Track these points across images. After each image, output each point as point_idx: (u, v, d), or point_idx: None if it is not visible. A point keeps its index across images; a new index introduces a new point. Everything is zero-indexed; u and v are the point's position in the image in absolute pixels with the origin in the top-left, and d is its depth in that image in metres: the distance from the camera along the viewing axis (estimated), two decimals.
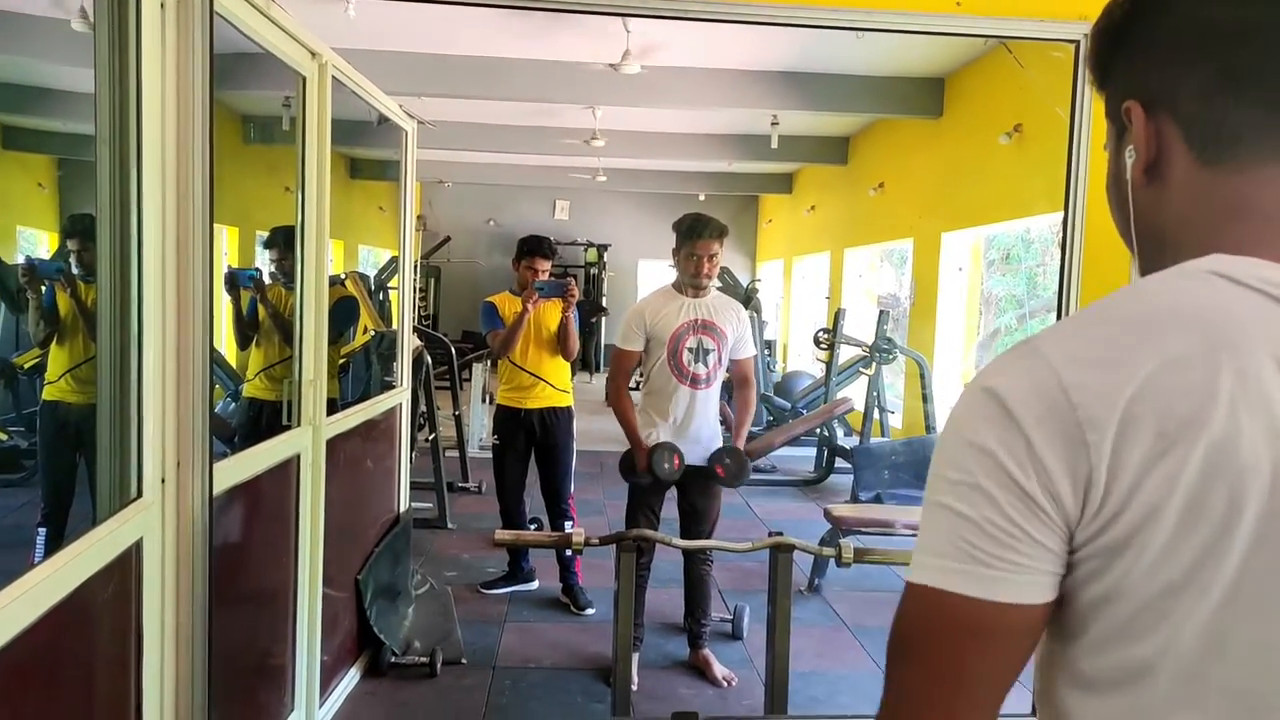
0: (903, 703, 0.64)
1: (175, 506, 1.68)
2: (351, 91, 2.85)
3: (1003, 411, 0.61)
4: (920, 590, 0.63)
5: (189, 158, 1.65)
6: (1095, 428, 0.58)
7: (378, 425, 3.31)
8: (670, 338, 3.15)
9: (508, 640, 3.66)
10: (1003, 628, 0.62)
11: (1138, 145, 0.68)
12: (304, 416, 2.45)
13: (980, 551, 0.61)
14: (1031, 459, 0.60)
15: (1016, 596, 0.61)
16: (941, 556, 0.62)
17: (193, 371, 1.67)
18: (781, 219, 13.42)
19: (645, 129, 9.61)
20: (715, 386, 3.21)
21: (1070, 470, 0.59)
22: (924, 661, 0.63)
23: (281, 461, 2.32)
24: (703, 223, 3.15)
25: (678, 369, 3.16)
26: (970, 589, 0.61)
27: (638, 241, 13.97)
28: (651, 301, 3.25)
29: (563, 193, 14.09)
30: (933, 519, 0.63)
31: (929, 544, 0.63)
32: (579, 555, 3.89)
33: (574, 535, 2.36)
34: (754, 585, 4.17)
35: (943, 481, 0.63)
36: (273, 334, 3.49)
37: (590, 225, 14.20)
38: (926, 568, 0.63)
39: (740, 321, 3.24)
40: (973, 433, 0.62)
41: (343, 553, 2.90)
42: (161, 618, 1.65)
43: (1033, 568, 0.61)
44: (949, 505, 0.62)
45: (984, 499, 0.61)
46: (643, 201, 13.90)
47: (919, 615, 0.63)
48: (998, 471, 0.60)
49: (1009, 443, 0.60)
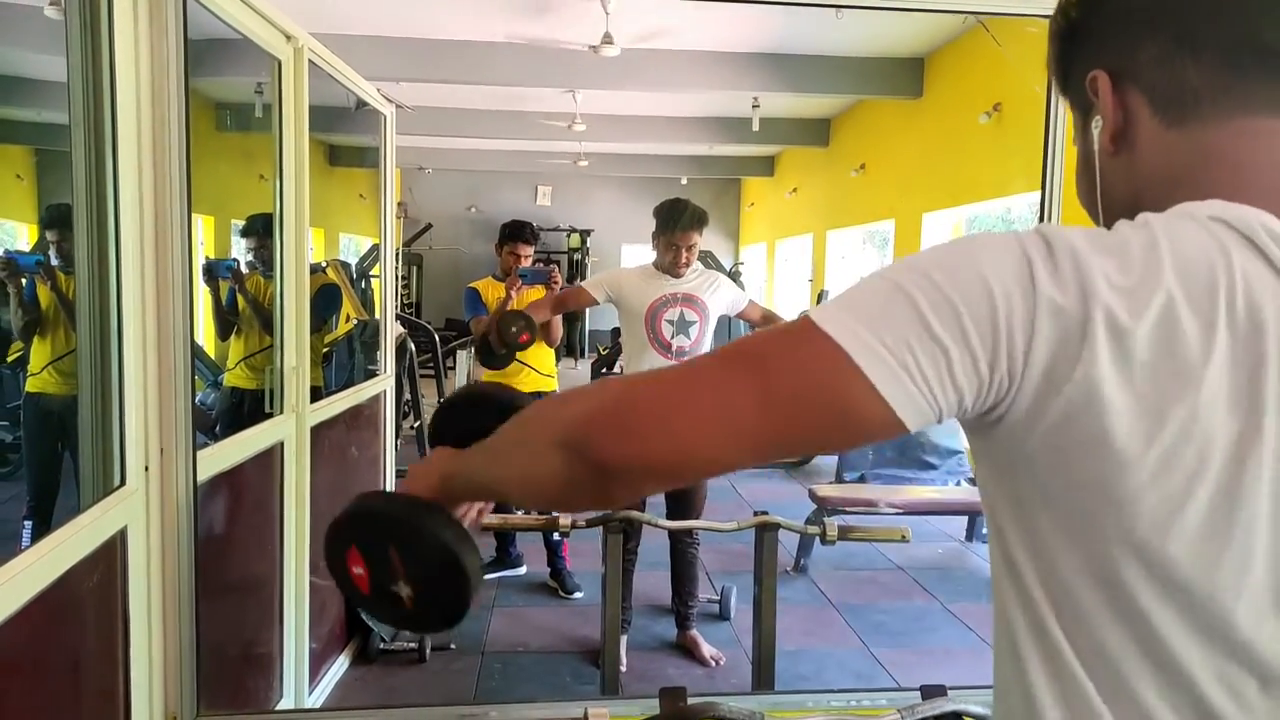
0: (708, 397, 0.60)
1: (159, 494, 1.68)
2: (329, 76, 2.82)
3: (1025, 261, 0.58)
4: (826, 341, 0.59)
5: (165, 145, 1.64)
6: (1097, 298, 0.57)
7: (362, 413, 3.31)
8: (647, 309, 3.15)
9: (496, 625, 3.67)
10: (863, 418, 0.59)
11: (1105, 113, 0.69)
12: (287, 404, 2.44)
13: (912, 357, 0.58)
14: (1023, 315, 0.57)
15: (899, 406, 0.59)
16: (874, 332, 0.58)
17: (174, 358, 1.67)
18: (764, 202, 13.43)
19: (626, 113, 9.57)
20: None
21: (1052, 336, 0.57)
22: (770, 390, 0.59)
23: (265, 449, 2.32)
24: (680, 211, 3.14)
25: (657, 340, 3.16)
26: (871, 371, 0.58)
27: (620, 226, 13.93)
28: (632, 273, 3.26)
29: (544, 178, 14.02)
30: (886, 297, 0.59)
31: (866, 313, 0.59)
32: (566, 539, 3.91)
33: (560, 519, 2.37)
34: (740, 566, 4.20)
35: (921, 276, 0.59)
36: (253, 323, 3.47)
37: (573, 210, 14.15)
38: (849, 329, 0.58)
39: (720, 285, 3.24)
40: (994, 265, 0.59)
41: None
42: (148, 606, 1.66)
43: (933, 395, 0.59)
44: (914, 300, 0.58)
45: (953, 323, 0.58)
46: (625, 186, 13.86)
47: (808, 358, 0.59)
48: (985, 316, 0.58)
49: (1016, 305, 0.57)
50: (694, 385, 0.62)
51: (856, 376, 0.58)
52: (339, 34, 5.58)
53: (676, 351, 3.15)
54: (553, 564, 4.06)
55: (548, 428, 0.67)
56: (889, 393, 0.58)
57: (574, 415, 0.64)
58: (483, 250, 12.31)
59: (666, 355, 3.15)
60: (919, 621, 3.86)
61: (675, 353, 3.15)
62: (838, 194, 9.74)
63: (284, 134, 2.39)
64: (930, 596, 4.15)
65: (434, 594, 0.81)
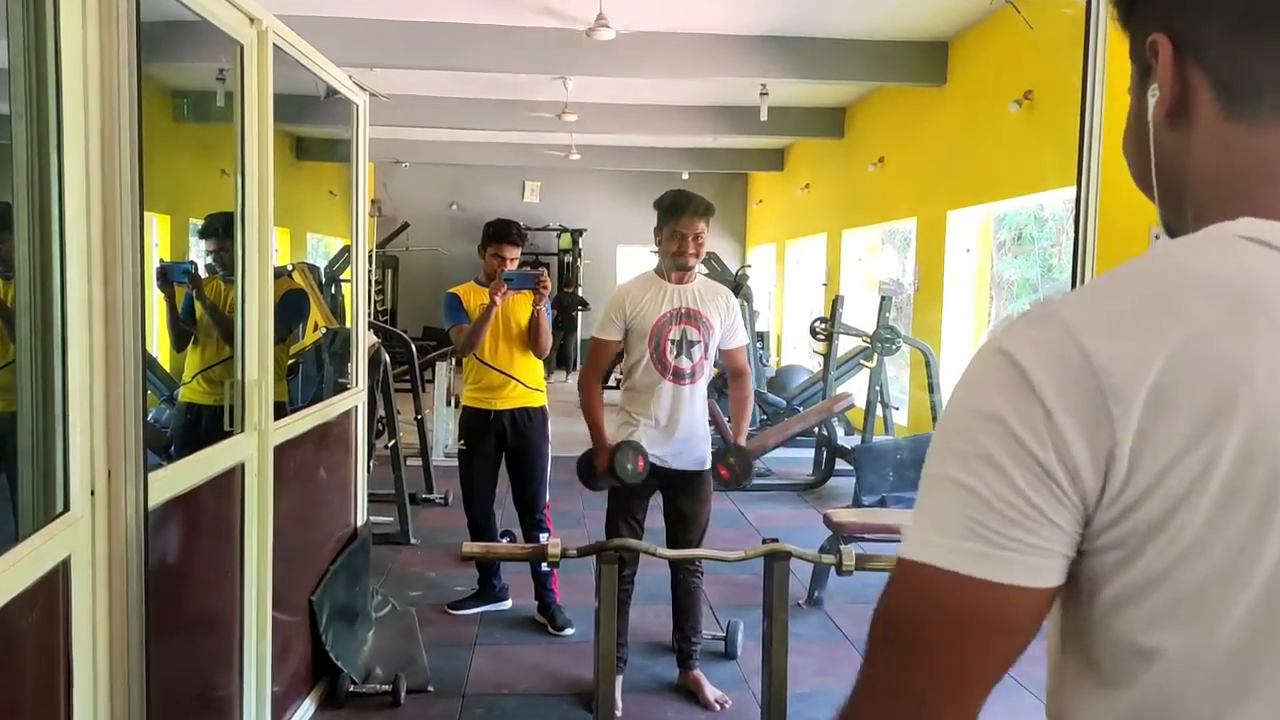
0: (886, 692, 0.65)
1: (107, 520, 1.67)
2: (295, 62, 2.83)
3: (1019, 377, 0.61)
4: (918, 569, 0.63)
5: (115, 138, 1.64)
6: (1120, 400, 0.58)
7: (331, 431, 3.30)
8: (651, 329, 3.17)
9: (479, 665, 3.66)
10: (1008, 614, 0.62)
11: (1162, 84, 0.67)
12: (248, 421, 2.44)
13: (988, 530, 0.61)
14: (1050, 430, 0.60)
15: (1027, 579, 0.61)
16: (945, 534, 0.62)
17: (123, 371, 1.66)
18: (773, 199, 13.46)
19: (622, 101, 9.61)
20: (702, 382, 3.23)
21: (1091, 444, 0.59)
22: (918, 649, 0.64)
23: (224, 471, 2.32)
24: (686, 199, 3.16)
25: (660, 363, 3.18)
26: (978, 569, 0.61)
27: (615, 225, 13.97)
28: (632, 288, 3.26)
29: (532, 173, 14.06)
30: (936, 494, 0.63)
31: (931, 520, 0.63)
32: (556, 570, 3.90)
33: (549, 547, 2.37)
34: (748, 599, 4.19)
35: (948, 454, 0.63)
36: (211, 332, 3.47)
37: (563, 208, 14.19)
38: (927, 545, 0.63)
39: (729, 309, 3.26)
40: (984, 400, 0.62)
41: (294, 571, 2.89)
42: (93, 645, 1.65)
43: (1045, 548, 0.61)
44: (955, 479, 0.62)
45: (995, 472, 0.61)
46: (620, 181, 13.90)
47: (915, 597, 0.64)
48: (1011, 443, 0.60)
49: (1025, 411, 0.60)
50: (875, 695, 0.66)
51: (953, 581, 0.62)
52: (307, 16, 5.60)
53: (675, 374, 3.16)
54: (541, 597, 4.05)
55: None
56: (983, 573, 0.61)
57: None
58: (464, 252, 12.32)
59: (665, 375, 3.16)
60: None
61: (674, 375, 3.16)
62: (854, 190, 9.78)
63: (247, 125, 2.40)
64: None
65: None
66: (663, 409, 3.18)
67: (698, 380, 3.21)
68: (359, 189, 3.67)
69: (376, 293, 11.72)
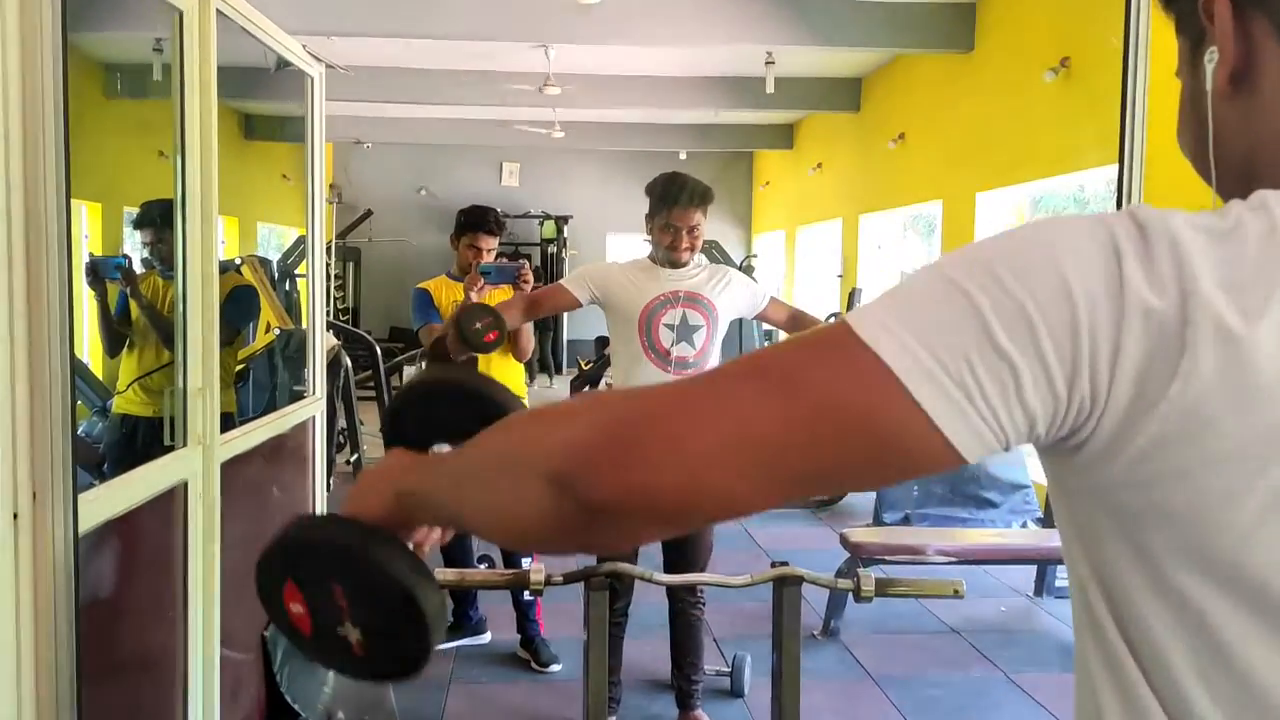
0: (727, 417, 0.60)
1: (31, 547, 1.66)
2: (242, 30, 2.83)
3: (1114, 260, 0.58)
4: (866, 354, 0.59)
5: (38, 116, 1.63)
6: (1200, 325, 0.57)
7: (286, 444, 3.30)
8: (641, 311, 3.15)
9: (454, 706, 3.65)
10: (915, 453, 0.60)
11: (1222, 45, 0.66)
12: (191, 434, 2.43)
13: (970, 373, 0.58)
14: (1108, 341, 0.57)
15: (959, 440, 0.59)
16: (925, 346, 0.58)
17: (48, 380, 1.66)
18: (781, 180, 13.49)
19: (611, 72, 9.63)
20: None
21: (1140, 373, 0.57)
22: (797, 412, 0.60)
23: (165, 490, 2.31)
24: (679, 186, 3.15)
25: (653, 349, 3.16)
26: (928, 402, 0.58)
27: (605, 211, 13.99)
28: (625, 268, 3.26)
29: (511, 153, 14.08)
30: (942, 299, 0.59)
31: (918, 321, 0.59)
32: (539, 598, 3.89)
33: (532, 573, 2.36)
34: (756, 630, 4.19)
35: (985, 272, 0.59)
36: (149, 335, 3.47)
37: (546, 193, 14.21)
38: (896, 342, 0.59)
39: (732, 282, 3.26)
40: (1075, 259, 0.58)
41: (244, 603, 2.88)
42: (17, 689, 1.64)
43: (1000, 425, 0.59)
44: (977, 304, 0.59)
45: (1027, 339, 0.58)
46: (610, 163, 13.92)
47: (844, 377, 0.60)
48: (1067, 319, 0.58)
49: (1105, 303, 0.57)
50: (709, 403, 0.62)
51: (903, 398, 0.59)
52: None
53: (677, 363, 3.15)
54: (524, 630, 4.05)
55: (534, 452, 0.67)
56: (943, 419, 0.59)
57: (568, 440, 0.64)
58: (435, 243, 12.32)
59: (665, 368, 3.14)
60: (979, 697, 3.86)
61: (675, 364, 3.15)
62: (872, 170, 9.80)
63: (187, 101, 2.39)
64: (991, 665, 4.14)
65: (387, 638, 0.83)
66: None
67: (702, 369, 3.20)
68: (315, 173, 3.67)
69: (336, 289, 11.73)
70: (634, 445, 0.62)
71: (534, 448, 0.67)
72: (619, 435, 0.63)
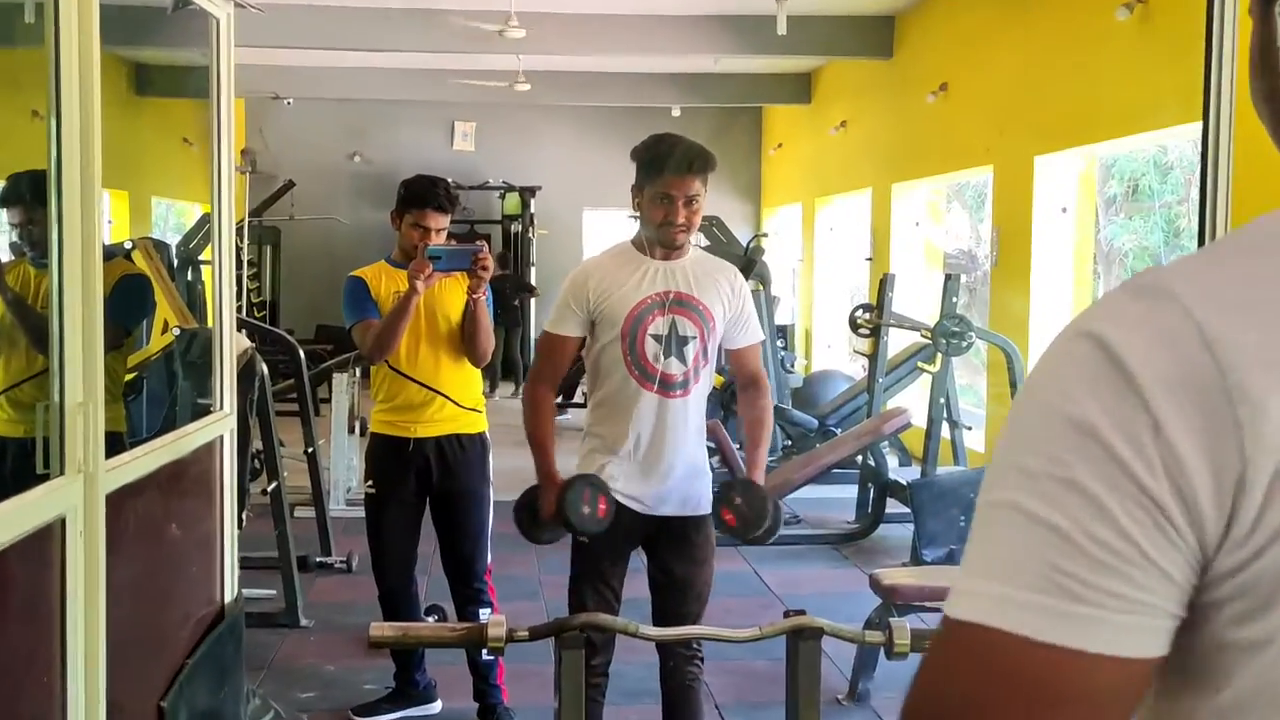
0: None
1: None
2: None
3: (1116, 372, 0.62)
4: (973, 632, 0.63)
5: None
6: (1252, 401, 0.59)
7: (187, 471, 3.29)
8: (627, 318, 3.16)
9: None
10: (1097, 691, 0.63)
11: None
12: (70, 459, 2.43)
13: (1073, 580, 0.61)
14: (1159, 445, 0.60)
15: (1122, 646, 0.62)
16: (1011, 583, 0.62)
17: None
18: (797, 142, 13.52)
19: (587, 10, 9.63)
20: (698, 393, 3.23)
21: (1214, 464, 0.60)
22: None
23: (37, 528, 2.30)
24: (671, 148, 3.16)
25: (638, 366, 3.17)
26: (1059, 633, 0.61)
27: (581, 182, 14.00)
28: (603, 264, 3.26)
29: (465, 110, 14.07)
30: (997, 527, 0.64)
31: (990, 565, 0.64)
32: (501, 658, 3.89)
33: (491, 627, 2.36)
34: (766, 693, 4.20)
35: (1016, 473, 0.64)
36: (16, 337, 3.45)
37: (508, 159, 14.20)
38: (983, 599, 0.63)
39: (735, 292, 3.27)
40: (1069, 402, 0.63)
41: (137, 666, 2.88)
42: None
43: (1150, 604, 0.62)
44: (1026, 509, 0.63)
45: (1083, 502, 0.61)
46: (587, 122, 13.92)
47: (971, 668, 0.64)
48: (1107, 462, 0.61)
49: (1125, 420, 0.61)
50: None
51: (1022, 648, 0.62)
52: None
53: (662, 382, 3.16)
54: (482, 696, 4.05)
55: None
56: (1063, 638, 0.61)
57: None
58: (372, 221, 12.31)
59: (648, 386, 3.15)
60: None
61: (661, 384, 3.15)
62: (907, 130, 9.83)
63: (63, 48, 2.39)
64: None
65: None
66: (643, 432, 3.18)
67: (693, 391, 3.21)
68: (223, 136, 3.66)
69: (250, 279, 11.70)
70: None
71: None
72: None
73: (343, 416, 7.35)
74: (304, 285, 13.38)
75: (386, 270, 3.99)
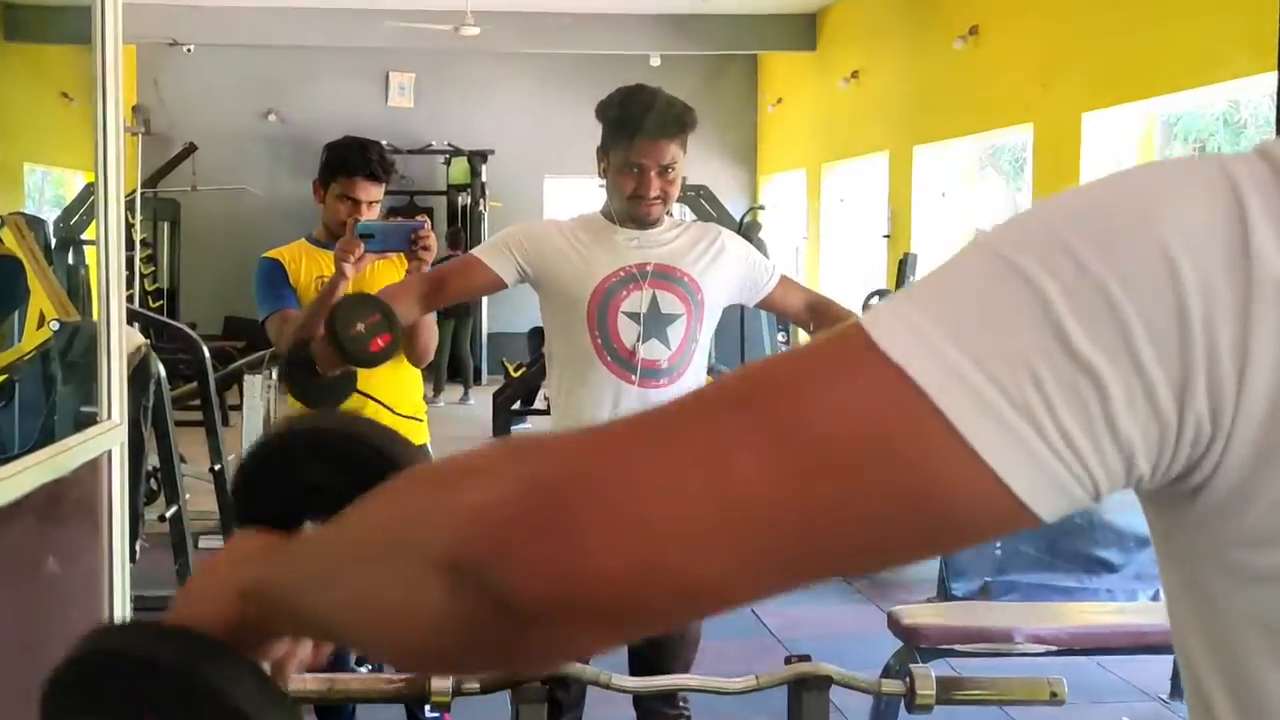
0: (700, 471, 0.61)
1: None
2: None
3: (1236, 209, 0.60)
4: (889, 370, 0.60)
5: None
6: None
7: (67, 493, 3.28)
8: (594, 295, 3.15)
9: None
10: (962, 528, 0.62)
11: None
12: None
13: (1045, 410, 0.59)
14: (1238, 331, 0.58)
15: (1040, 503, 0.59)
16: (971, 352, 0.59)
17: None
18: (799, 96, 13.55)
19: None
20: (688, 385, 3.23)
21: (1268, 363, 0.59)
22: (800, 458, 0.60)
23: None
24: (645, 105, 3.15)
25: (612, 352, 3.16)
26: (992, 448, 0.59)
27: (540, 145, 13.99)
28: (567, 228, 3.27)
29: (401, 59, 14.05)
30: (990, 287, 0.61)
31: (959, 315, 0.61)
32: (447, 714, 3.90)
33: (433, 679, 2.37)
34: None
35: (1055, 245, 0.61)
36: None
37: (454, 118, 14.19)
38: (930, 350, 0.60)
39: (725, 249, 3.26)
40: (1179, 223, 0.60)
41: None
42: None
43: (1088, 472, 0.60)
44: (1042, 292, 0.60)
45: (1115, 339, 0.59)
46: (548, 73, 13.92)
47: (855, 397, 0.61)
48: (1171, 318, 0.59)
49: (1224, 282, 0.59)
50: (674, 450, 0.63)
51: (944, 435, 0.59)
52: None
53: (644, 370, 3.15)
54: None
55: (426, 529, 0.67)
56: (1003, 462, 0.59)
57: (473, 510, 0.64)
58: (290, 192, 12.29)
59: (627, 376, 3.15)
60: None
61: (642, 371, 3.15)
62: (932, 81, 9.86)
63: None
64: None
65: None
66: None
67: (679, 379, 3.21)
68: (108, 90, 3.65)
69: (144, 262, 11.65)
70: (564, 515, 0.61)
71: (426, 522, 0.67)
72: (544, 501, 0.62)
73: (257, 426, 7.33)
74: (209, 270, 13.34)
75: (308, 251, 3.98)
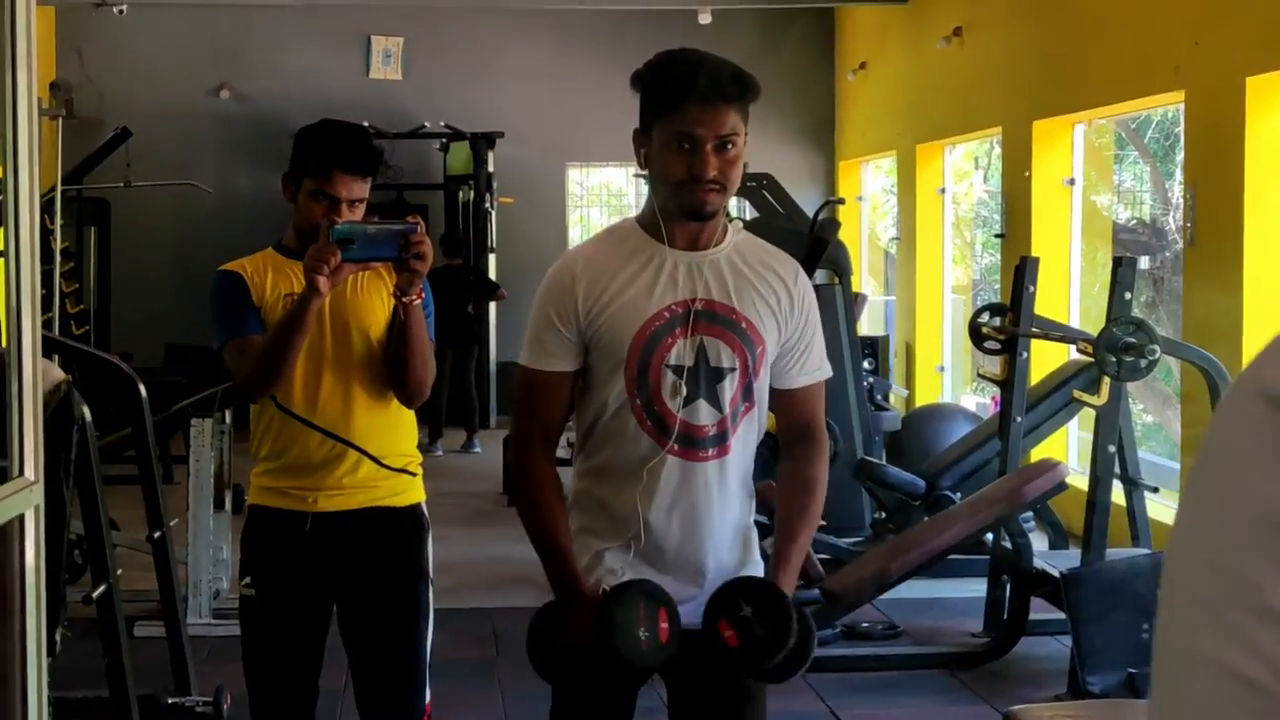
0: None
1: None
2: None
3: None
4: None
5: None
6: None
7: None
8: (635, 341, 3.16)
9: None
10: None
11: None
12: None
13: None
14: None
15: None
16: None
17: None
18: (887, 61, 13.56)
19: None
20: (740, 451, 3.22)
21: None
22: None
23: None
24: (694, 68, 3.16)
25: (651, 413, 3.17)
26: None
27: (561, 126, 14.02)
28: (594, 256, 3.27)
29: (386, 20, 14.13)
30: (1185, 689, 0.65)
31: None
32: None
33: None
34: None
35: (1200, 607, 0.65)
36: None
37: (453, 93, 14.24)
38: None
39: (796, 302, 3.27)
40: (1262, 491, 0.64)
41: None
42: None
43: None
44: (1222, 661, 0.63)
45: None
46: (570, 35, 13.97)
47: None
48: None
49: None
50: None
51: None
52: None
53: (684, 438, 3.13)
54: None
55: None
56: None
57: None
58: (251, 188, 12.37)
59: (663, 442, 3.13)
60: None
61: (682, 440, 3.13)
62: (1054, 41, 9.85)
63: None
64: None
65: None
66: (659, 510, 3.18)
67: (731, 448, 3.21)
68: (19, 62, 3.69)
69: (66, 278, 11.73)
70: None
71: None
72: None
73: (207, 483, 7.37)
74: (146, 286, 13.40)
75: (275, 262, 3.99)
